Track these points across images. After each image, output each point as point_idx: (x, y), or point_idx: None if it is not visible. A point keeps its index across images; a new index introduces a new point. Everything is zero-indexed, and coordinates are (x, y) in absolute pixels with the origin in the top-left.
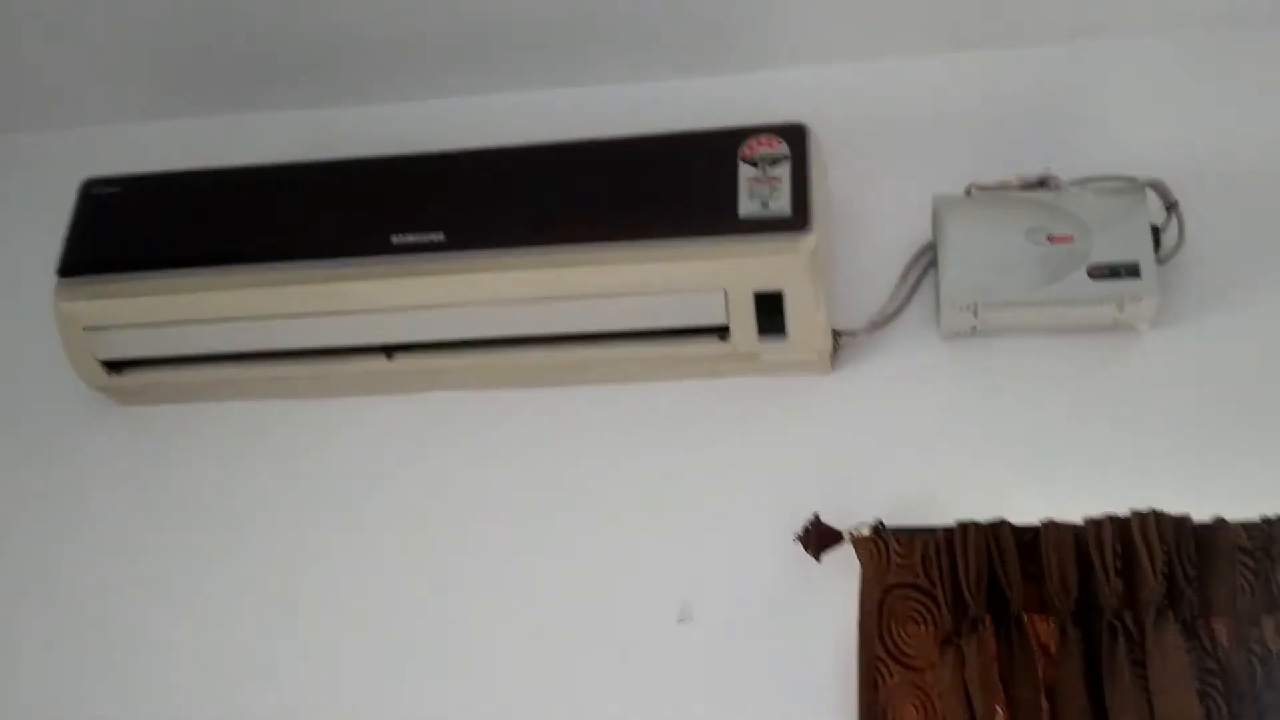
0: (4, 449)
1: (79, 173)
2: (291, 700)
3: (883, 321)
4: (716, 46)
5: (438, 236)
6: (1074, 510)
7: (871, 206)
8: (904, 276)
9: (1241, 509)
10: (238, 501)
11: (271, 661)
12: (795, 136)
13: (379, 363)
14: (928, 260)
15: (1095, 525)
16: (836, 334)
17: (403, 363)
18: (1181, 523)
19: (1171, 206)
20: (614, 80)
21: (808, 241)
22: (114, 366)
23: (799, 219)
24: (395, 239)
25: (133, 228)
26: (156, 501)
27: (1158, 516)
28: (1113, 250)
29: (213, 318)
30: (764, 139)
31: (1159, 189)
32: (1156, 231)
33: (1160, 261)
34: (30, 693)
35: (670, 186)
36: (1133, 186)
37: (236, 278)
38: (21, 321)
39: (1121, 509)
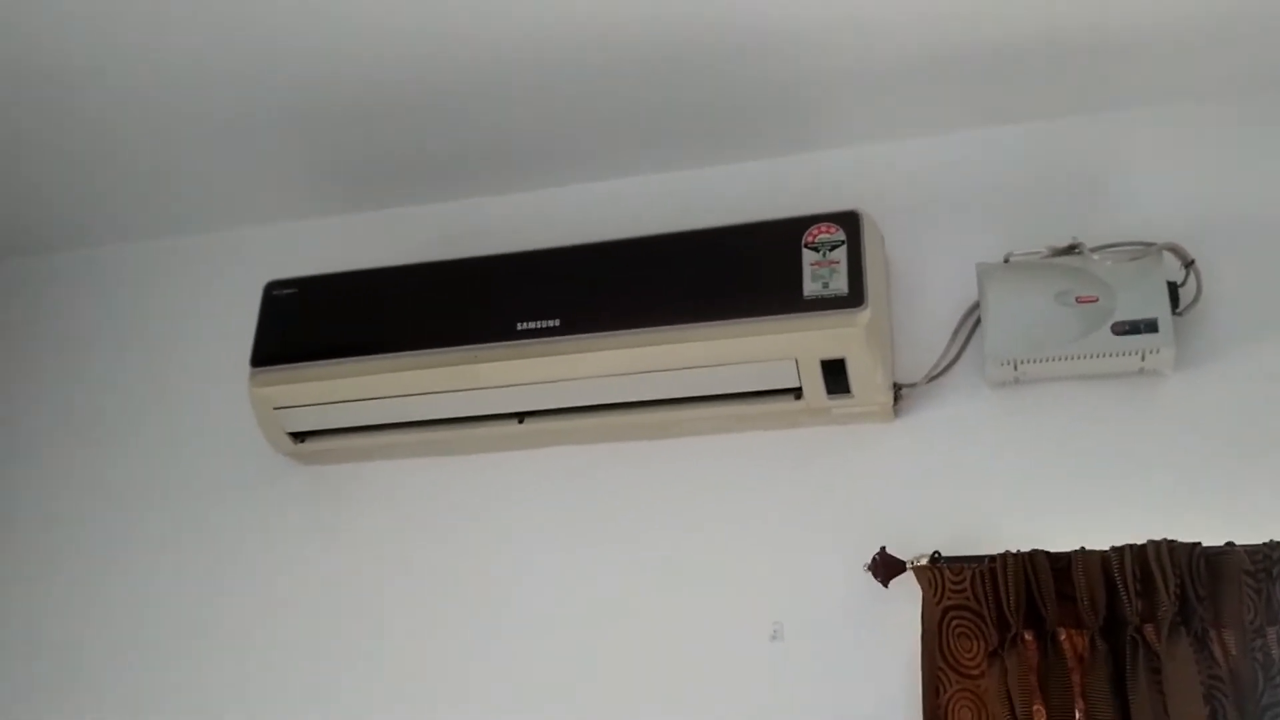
0: (207, 503)
1: (254, 265)
2: None
3: (937, 374)
4: (773, 131)
5: (554, 323)
6: (1103, 539)
7: (925, 272)
8: (955, 334)
9: (1249, 535)
10: (399, 542)
11: (427, 693)
12: (850, 222)
13: (511, 426)
14: (975, 318)
15: (1119, 552)
16: (897, 387)
17: (530, 426)
18: (1193, 548)
19: (1189, 265)
20: (684, 167)
21: (863, 316)
22: (297, 436)
23: (855, 296)
24: (520, 325)
25: (307, 323)
26: (332, 543)
27: (1170, 545)
28: (1133, 308)
29: (375, 395)
30: (823, 226)
31: (1176, 251)
32: (1174, 288)
33: (1179, 314)
34: None
35: (746, 271)
36: (1150, 250)
37: (392, 362)
38: (215, 399)
39: (1144, 537)
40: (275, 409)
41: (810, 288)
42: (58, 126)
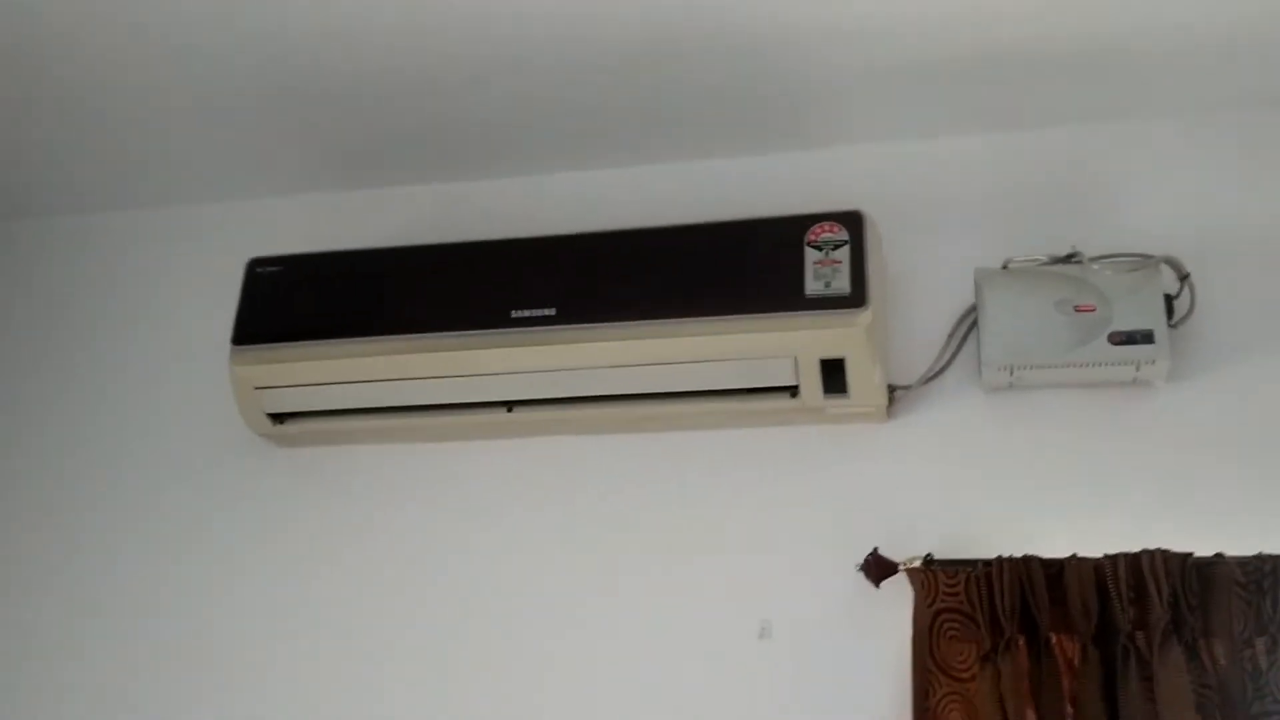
0: (183, 484)
1: (238, 241)
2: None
3: (932, 377)
4: (774, 126)
5: (550, 311)
6: (1095, 545)
7: (922, 275)
8: (950, 337)
9: (1240, 546)
10: (379, 529)
11: (405, 680)
12: (853, 222)
13: (500, 415)
14: (971, 323)
15: (1112, 560)
16: (891, 388)
17: (520, 415)
18: (1185, 559)
19: (1184, 278)
20: (687, 158)
21: (864, 317)
22: (277, 418)
23: (857, 296)
24: (514, 313)
25: (292, 302)
26: (309, 527)
27: (1164, 554)
28: (1130, 319)
29: (361, 379)
30: (826, 225)
31: (1172, 264)
32: (1170, 300)
33: (1173, 327)
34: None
35: (748, 267)
36: (1148, 262)
37: (381, 345)
38: (192, 376)
39: (1136, 545)
40: (256, 389)
41: (812, 286)
42: (39, 91)
